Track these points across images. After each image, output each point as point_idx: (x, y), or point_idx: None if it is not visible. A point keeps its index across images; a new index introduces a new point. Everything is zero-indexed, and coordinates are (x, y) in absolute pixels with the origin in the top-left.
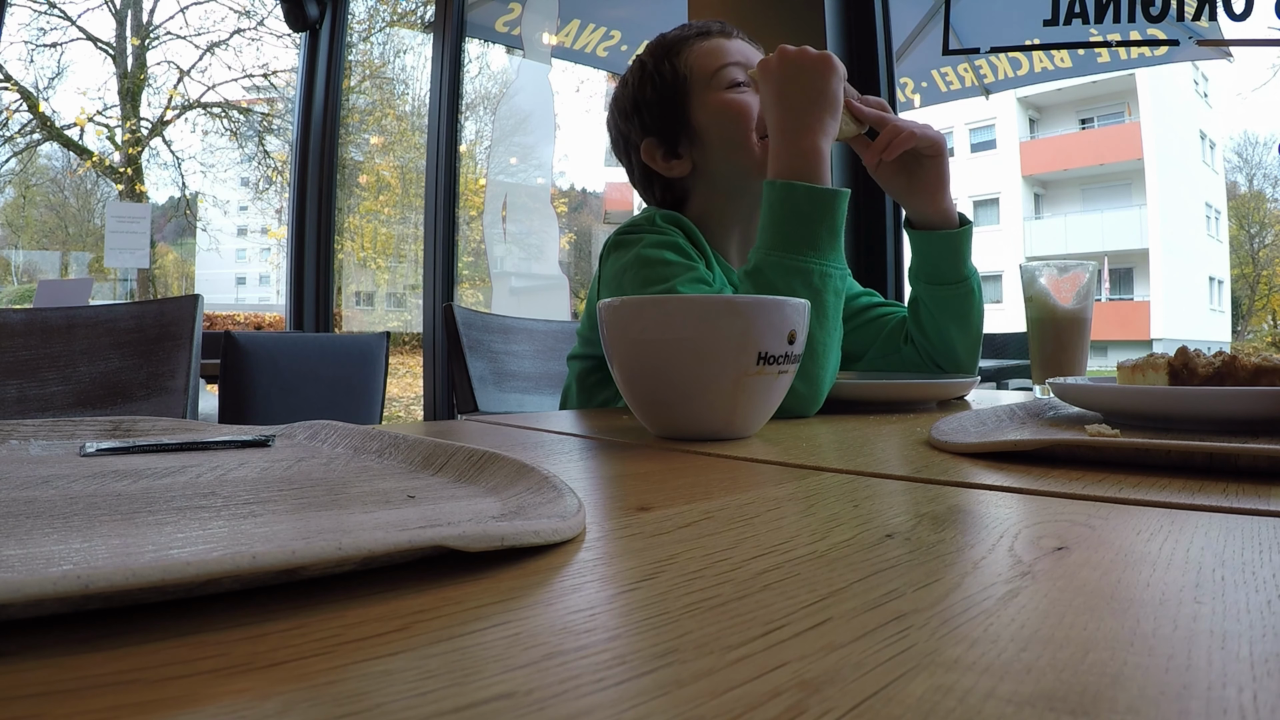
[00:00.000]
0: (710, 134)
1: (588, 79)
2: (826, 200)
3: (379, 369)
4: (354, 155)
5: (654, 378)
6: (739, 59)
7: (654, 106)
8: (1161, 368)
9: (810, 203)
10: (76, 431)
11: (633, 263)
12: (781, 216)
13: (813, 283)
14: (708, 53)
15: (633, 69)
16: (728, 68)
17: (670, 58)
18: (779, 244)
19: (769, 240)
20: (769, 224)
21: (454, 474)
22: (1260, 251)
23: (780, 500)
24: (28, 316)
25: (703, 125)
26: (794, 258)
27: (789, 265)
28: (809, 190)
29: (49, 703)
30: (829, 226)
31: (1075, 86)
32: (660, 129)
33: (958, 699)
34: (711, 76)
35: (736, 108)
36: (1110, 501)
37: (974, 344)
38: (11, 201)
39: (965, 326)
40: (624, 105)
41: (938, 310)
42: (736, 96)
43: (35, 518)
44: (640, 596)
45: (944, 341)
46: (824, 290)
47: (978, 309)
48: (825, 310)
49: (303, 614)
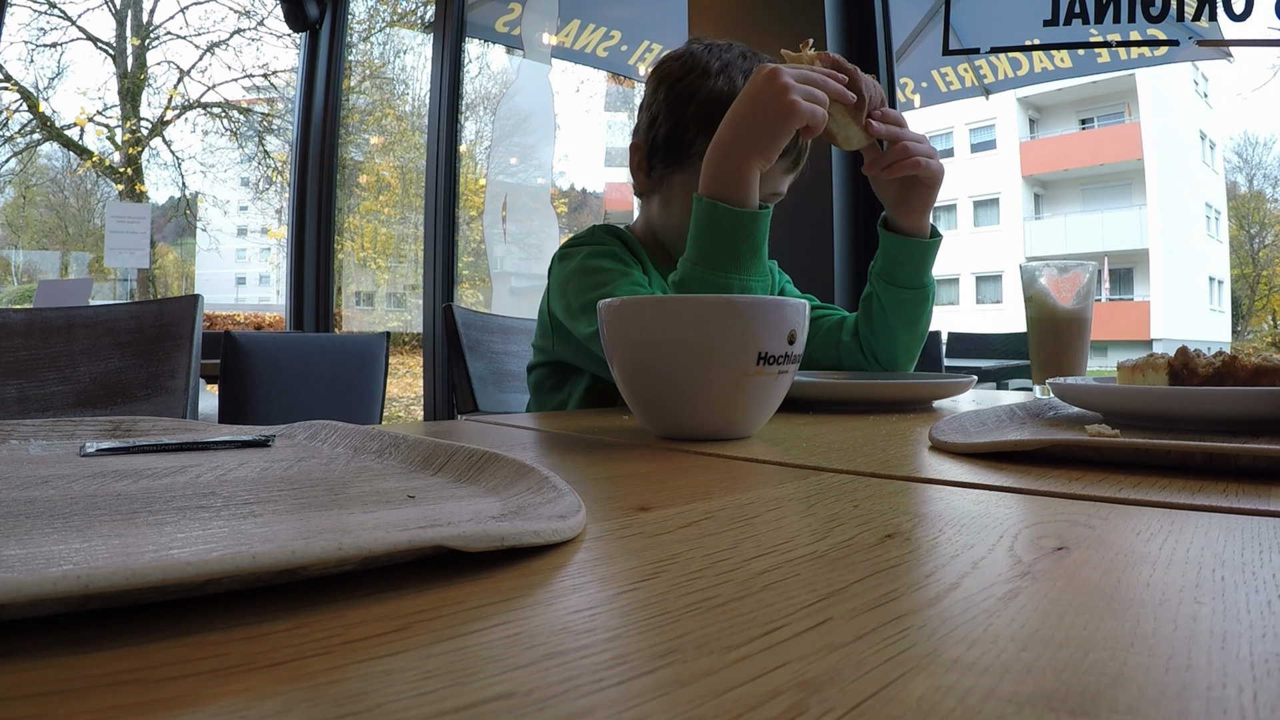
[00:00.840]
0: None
1: (588, 79)
2: (747, 222)
3: (379, 369)
4: (354, 155)
5: (654, 377)
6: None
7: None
8: (1161, 368)
9: (732, 223)
10: (76, 431)
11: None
12: (707, 233)
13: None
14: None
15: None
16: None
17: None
18: (703, 259)
19: (695, 254)
20: (696, 237)
21: (454, 474)
22: (1260, 251)
23: (780, 500)
24: (28, 316)
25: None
26: (717, 274)
27: (712, 281)
28: (732, 214)
29: (49, 703)
30: (750, 244)
31: (1075, 86)
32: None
33: (958, 699)
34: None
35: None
36: (1110, 501)
37: (916, 347)
38: (11, 201)
39: (912, 330)
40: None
41: (890, 310)
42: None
43: (35, 518)
44: (640, 596)
45: (889, 340)
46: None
47: (927, 316)
48: None
49: (303, 614)
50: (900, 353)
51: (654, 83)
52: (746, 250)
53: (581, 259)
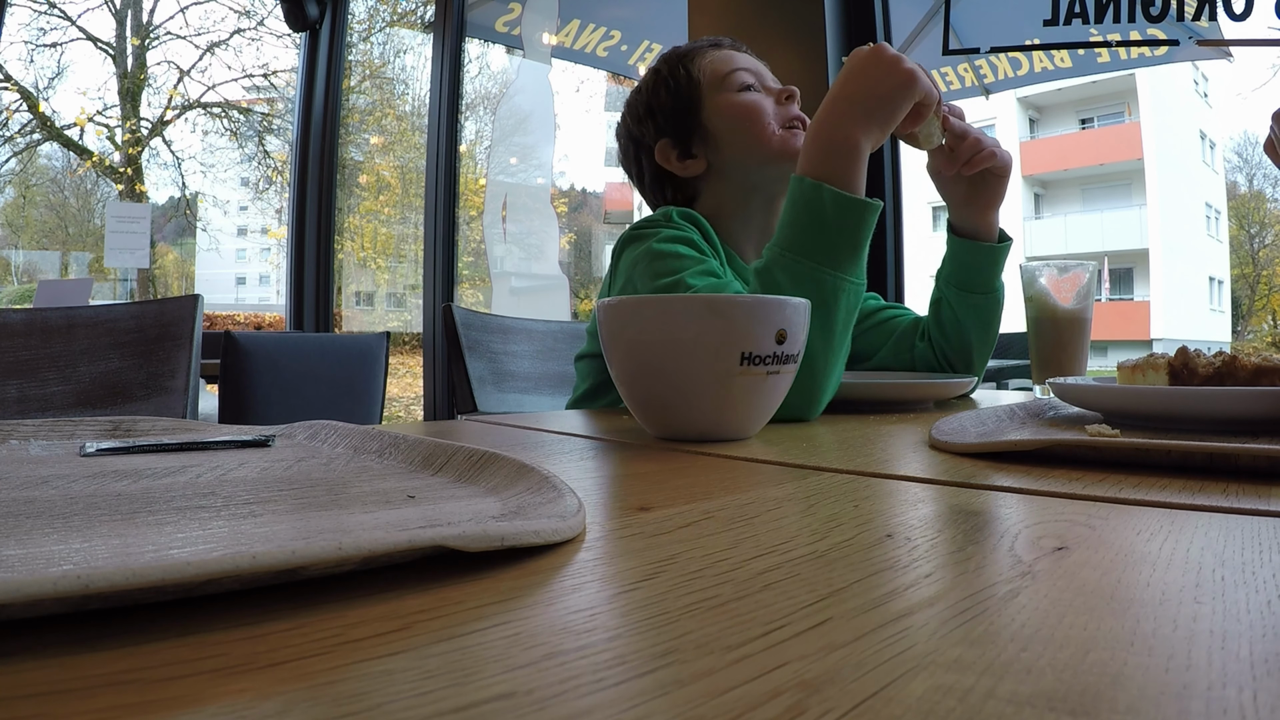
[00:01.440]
0: (723, 133)
1: (588, 79)
2: (855, 211)
3: (379, 369)
4: (354, 155)
5: (645, 378)
6: (749, 66)
7: (668, 109)
8: (1161, 368)
9: (837, 210)
10: (76, 431)
11: (644, 256)
12: (804, 218)
13: (824, 295)
14: (720, 59)
15: (646, 77)
16: (739, 72)
17: (684, 64)
18: (796, 246)
19: (786, 240)
20: (789, 222)
21: (454, 474)
22: (1260, 251)
23: (780, 500)
24: (28, 316)
25: (716, 126)
26: (809, 264)
27: (802, 272)
28: (836, 196)
29: (49, 703)
30: (852, 239)
31: (1075, 86)
32: (675, 130)
33: (958, 699)
34: (723, 80)
35: (748, 106)
36: (1110, 501)
37: (989, 349)
38: (11, 201)
39: (985, 333)
40: (638, 110)
41: (964, 315)
42: (747, 97)
43: (35, 518)
44: (640, 596)
45: (963, 344)
46: (834, 305)
47: (998, 318)
48: (832, 325)
49: (303, 614)
50: (976, 356)
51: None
52: (846, 244)
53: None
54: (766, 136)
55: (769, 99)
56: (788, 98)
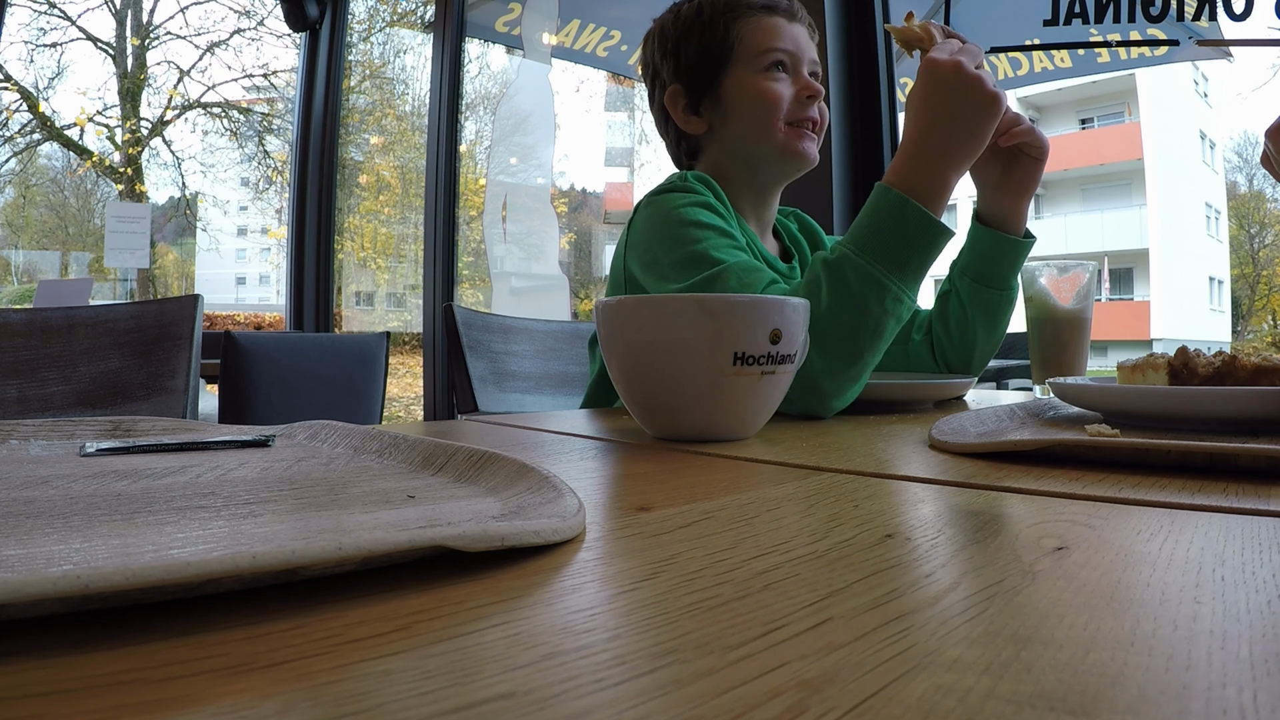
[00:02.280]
0: (736, 111)
1: (588, 79)
2: (935, 232)
3: (379, 369)
4: (354, 155)
5: (641, 378)
6: (789, 46)
7: (692, 59)
8: (1161, 368)
9: (919, 227)
10: (76, 431)
11: (665, 222)
12: (886, 225)
13: (885, 301)
14: (763, 30)
15: (687, 10)
16: (775, 52)
17: (727, 19)
18: (871, 249)
19: (863, 241)
20: (870, 225)
21: (454, 474)
22: (1260, 251)
23: (780, 500)
24: (28, 316)
25: (732, 99)
26: (880, 269)
27: (872, 274)
28: (922, 215)
29: (49, 703)
30: (922, 258)
31: (1075, 86)
32: (691, 82)
33: (958, 699)
34: (757, 55)
35: (770, 96)
36: (1110, 501)
37: (992, 352)
38: (11, 201)
39: (991, 332)
40: (666, 42)
41: (973, 309)
42: (773, 84)
43: (35, 518)
44: (640, 596)
45: (966, 341)
46: (890, 313)
47: (1007, 318)
48: (883, 332)
49: (303, 614)
50: (976, 357)
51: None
52: (916, 261)
53: (674, 208)
54: (774, 130)
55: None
56: (809, 96)
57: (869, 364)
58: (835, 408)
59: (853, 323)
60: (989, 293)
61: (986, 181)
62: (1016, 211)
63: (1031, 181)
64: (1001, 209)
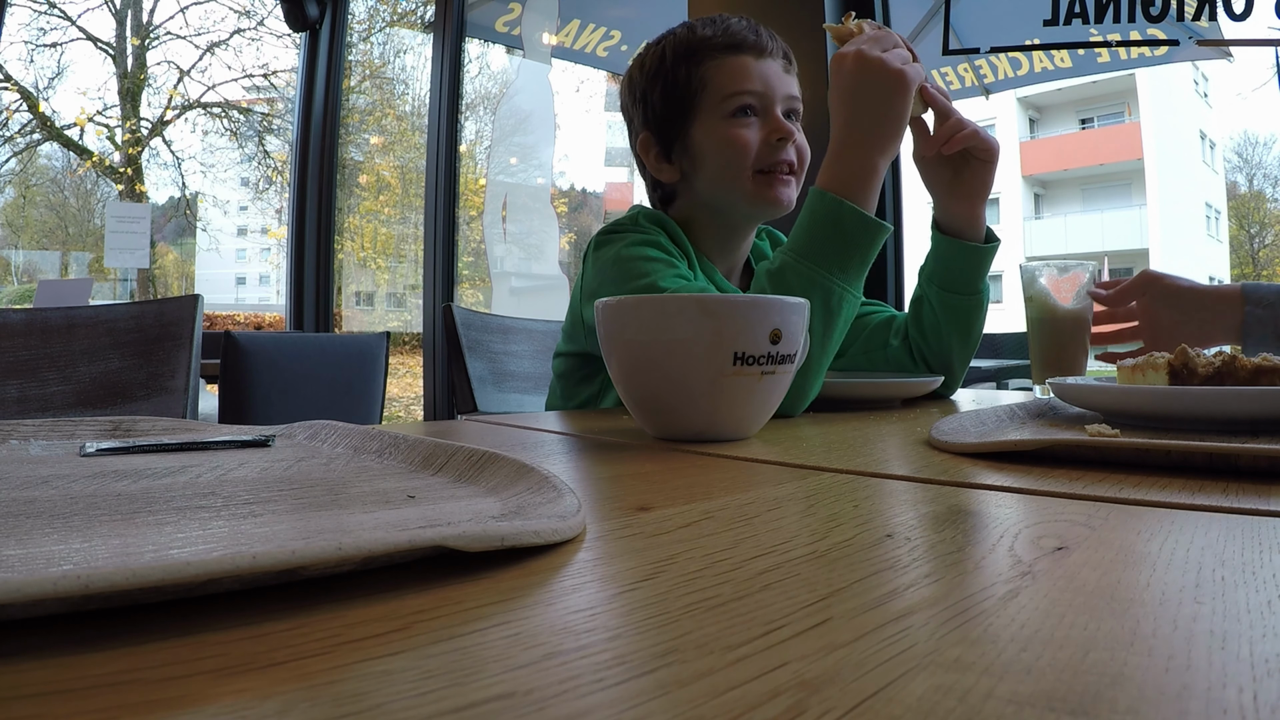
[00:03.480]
0: (705, 159)
1: (588, 79)
2: (871, 230)
3: (379, 369)
4: (354, 155)
5: (641, 378)
6: (758, 86)
7: (658, 107)
8: (1161, 368)
9: (856, 226)
10: (76, 431)
11: (613, 260)
12: (822, 229)
13: (830, 302)
14: (728, 72)
15: (651, 56)
16: (742, 95)
17: (689, 63)
18: (810, 254)
19: (801, 246)
20: (806, 230)
21: (454, 474)
22: (1260, 251)
23: (780, 500)
24: (28, 316)
25: (700, 147)
26: (822, 273)
27: (814, 278)
28: (858, 215)
29: (49, 703)
30: (863, 255)
31: (1075, 86)
32: (659, 130)
33: (958, 699)
34: (723, 100)
35: (736, 144)
36: (1110, 501)
37: (970, 353)
38: (11, 201)
39: (966, 336)
40: (635, 88)
41: (944, 316)
42: (740, 131)
43: (35, 518)
44: (640, 596)
45: (942, 346)
46: (837, 313)
47: (981, 321)
48: (833, 332)
49: (303, 614)
50: (955, 359)
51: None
52: (858, 259)
53: (622, 247)
54: (743, 179)
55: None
56: (780, 140)
57: (826, 362)
58: (802, 407)
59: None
60: (957, 299)
61: (939, 187)
62: (972, 216)
63: (982, 185)
64: (957, 215)
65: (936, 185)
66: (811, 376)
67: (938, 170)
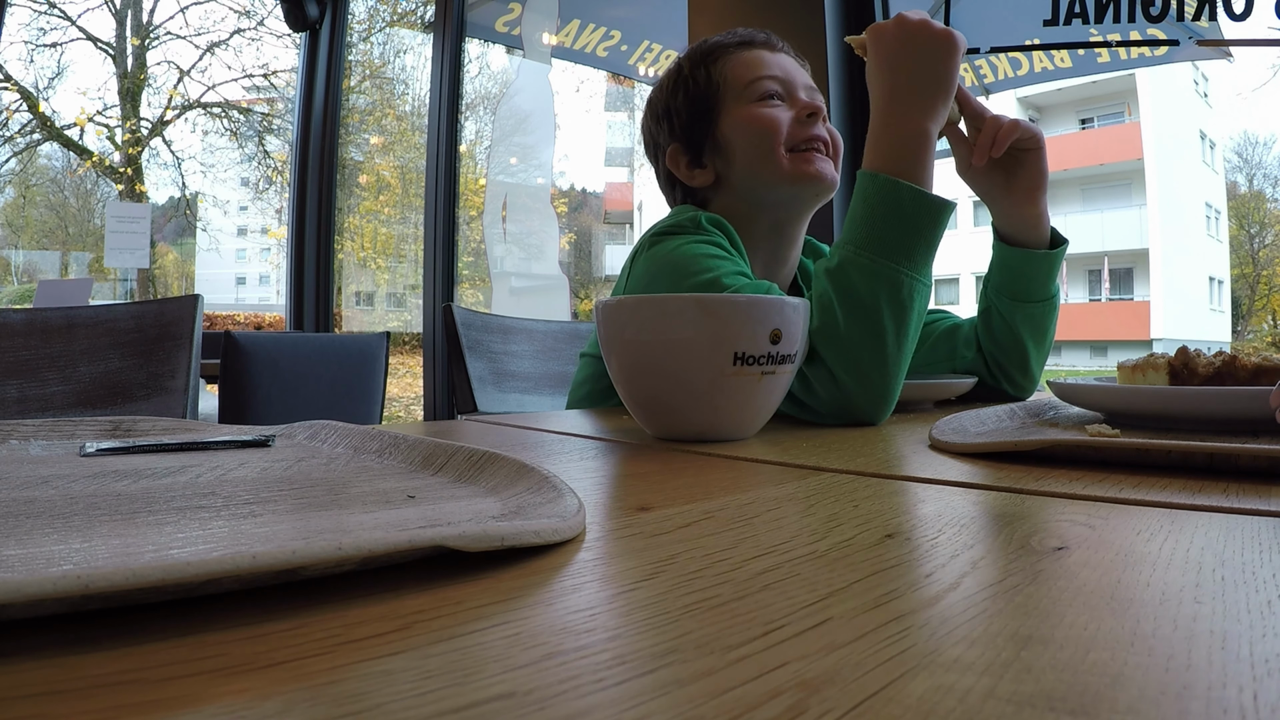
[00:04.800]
0: (736, 146)
1: (588, 79)
2: (934, 209)
3: (379, 369)
4: (354, 155)
5: (641, 378)
6: (777, 73)
7: (683, 113)
8: (1161, 368)
9: (917, 207)
10: (76, 431)
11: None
12: (879, 215)
13: (900, 295)
14: (745, 63)
15: (669, 72)
16: (762, 80)
17: (706, 64)
18: (871, 244)
19: (860, 238)
20: (862, 219)
21: (454, 474)
22: (1260, 251)
23: (780, 500)
24: (28, 316)
25: (730, 138)
26: (887, 263)
27: (879, 271)
28: (917, 194)
29: (49, 703)
30: (928, 239)
31: (1075, 86)
32: (687, 136)
33: (958, 699)
34: (745, 88)
35: (765, 121)
36: (1110, 501)
37: (1046, 354)
38: (11, 201)
39: (1041, 341)
40: (656, 108)
41: (1019, 325)
42: (766, 110)
43: (35, 518)
44: (640, 596)
45: (1019, 355)
46: (910, 306)
47: (1054, 322)
48: (908, 327)
49: (303, 614)
50: (1034, 365)
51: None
52: (923, 244)
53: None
54: (777, 159)
55: (790, 112)
56: (810, 115)
57: (905, 361)
58: (888, 410)
59: (874, 330)
60: (1030, 307)
61: (994, 193)
62: (1035, 214)
63: (1039, 175)
64: (1024, 216)
65: (993, 191)
66: (892, 380)
67: (990, 176)
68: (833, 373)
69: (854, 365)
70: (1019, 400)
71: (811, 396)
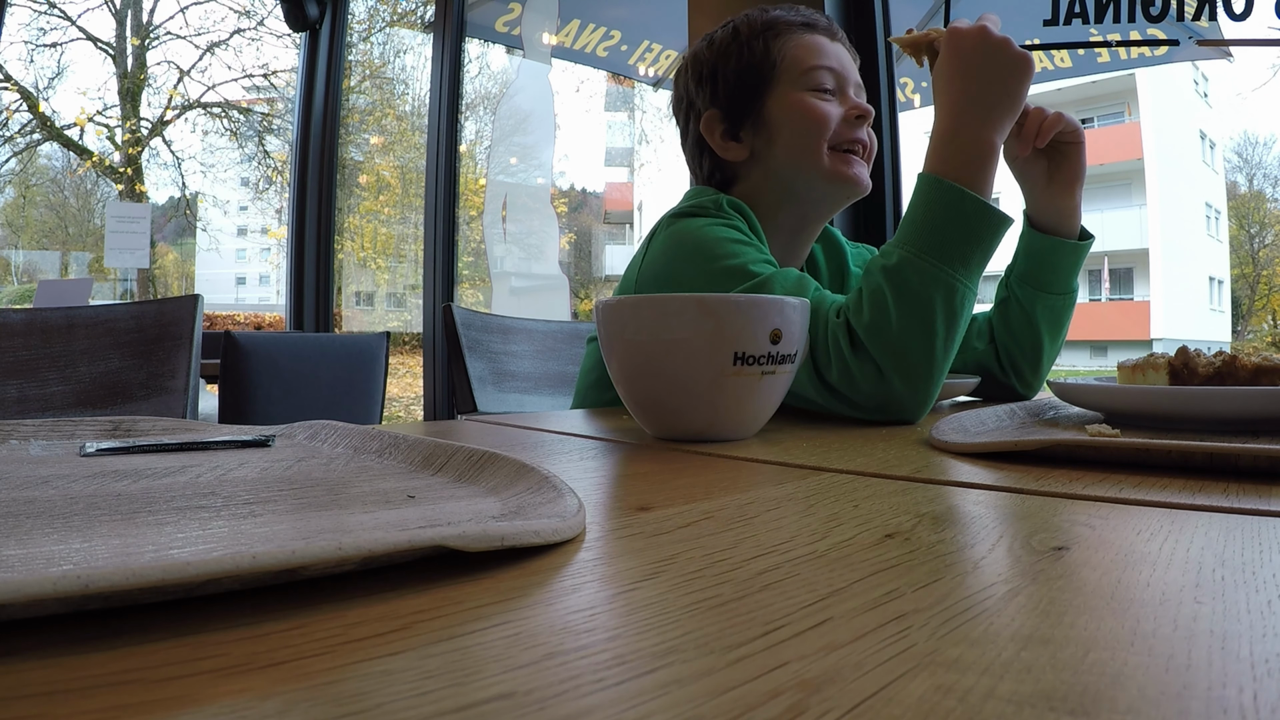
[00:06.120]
0: (781, 131)
1: (588, 79)
2: (995, 223)
3: (379, 369)
4: (354, 155)
5: (641, 378)
6: (834, 64)
7: (731, 81)
8: (1161, 368)
9: (979, 218)
10: (76, 431)
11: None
12: (941, 221)
13: (954, 302)
14: (806, 47)
15: (724, 34)
16: (820, 70)
17: (766, 37)
18: (932, 249)
19: (921, 240)
20: (924, 221)
21: (454, 474)
22: (1260, 251)
23: (780, 500)
24: (28, 316)
25: (776, 119)
26: (944, 269)
27: (937, 275)
28: (981, 206)
29: (49, 703)
30: (984, 250)
31: (1075, 86)
32: (729, 105)
33: (958, 699)
34: (802, 74)
35: (817, 114)
36: (1110, 501)
37: (1057, 351)
38: (11, 201)
39: (1056, 336)
40: (701, 68)
41: (1038, 316)
42: (820, 103)
43: (35, 518)
44: (640, 596)
45: (1034, 348)
46: (960, 313)
47: (1069, 321)
48: (955, 334)
49: (303, 614)
50: (1046, 360)
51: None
52: (979, 254)
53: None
54: (818, 154)
55: (839, 109)
56: (858, 117)
57: (948, 366)
58: (922, 414)
59: (927, 331)
60: (1052, 298)
61: (1035, 182)
62: (1070, 206)
63: (1079, 168)
64: (1055, 207)
65: (1035, 181)
66: (935, 383)
67: (1033, 166)
68: (880, 368)
69: (903, 363)
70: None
71: (854, 389)
